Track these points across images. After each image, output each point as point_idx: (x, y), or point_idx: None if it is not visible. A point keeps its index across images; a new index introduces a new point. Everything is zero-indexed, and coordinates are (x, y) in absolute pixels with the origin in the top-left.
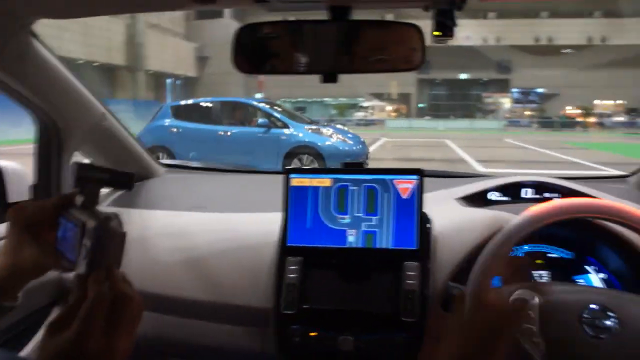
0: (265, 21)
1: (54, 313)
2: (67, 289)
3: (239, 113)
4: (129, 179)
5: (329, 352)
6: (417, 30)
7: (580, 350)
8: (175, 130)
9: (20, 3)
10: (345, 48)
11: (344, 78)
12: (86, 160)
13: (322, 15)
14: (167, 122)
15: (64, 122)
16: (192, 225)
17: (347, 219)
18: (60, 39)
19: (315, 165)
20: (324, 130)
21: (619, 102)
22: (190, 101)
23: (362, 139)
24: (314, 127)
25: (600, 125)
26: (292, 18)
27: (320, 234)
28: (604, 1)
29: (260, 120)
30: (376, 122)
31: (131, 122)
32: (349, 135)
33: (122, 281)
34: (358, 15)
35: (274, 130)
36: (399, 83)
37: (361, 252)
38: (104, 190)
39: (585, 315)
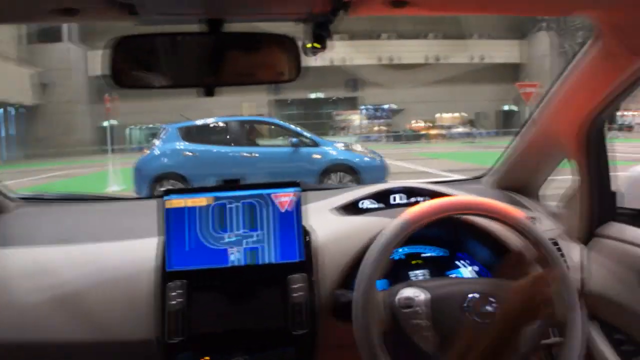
0: (140, 34)
1: None
2: None
3: (257, 132)
4: None
5: None
6: (293, 41)
7: (469, 337)
8: (188, 154)
9: None
10: (220, 61)
11: (196, 101)
12: None
13: (197, 28)
14: (178, 145)
15: None
16: (56, 260)
17: (228, 238)
18: None
19: (352, 181)
20: (354, 147)
21: (458, 114)
22: (202, 121)
23: (380, 154)
24: (343, 144)
25: (443, 136)
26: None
27: (202, 255)
28: (438, 25)
29: (293, 140)
30: None
31: None
32: (371, 150)
33: None
34: (234, 27)
35: (304, 149)
36: (251, 105)
37: (245, 270)
38: None
39: (467, 304)
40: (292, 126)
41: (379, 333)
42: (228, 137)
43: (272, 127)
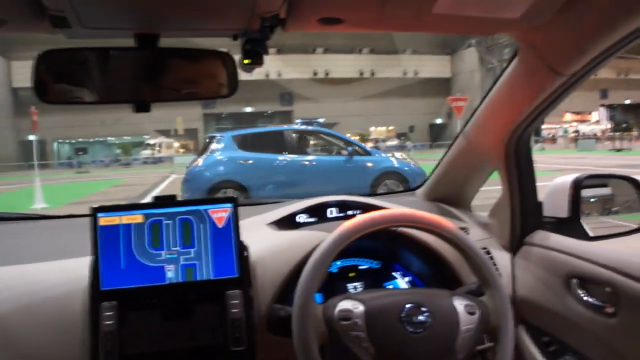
0: (69, 47)
1: None
2: None
3: (308, 141)
4: None
5: None
6: (228, 58)
7: (404, 348)
8: (245, 162)
9: None
10: (155, 77)
11: (127, 115)
12: None
13: (131, 42)
14: (233, 154)
15: None
16: None
17: (164, 255)
18: None
19: (401, 188)
20: (399, 155)
21: (390, 127)
22: (256, 130)
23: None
24: (390, 153)
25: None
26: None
27: (137, 274)
28: (370, 40)
29: (349, 149)
30: (164, 160)
31: None
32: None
33: None
34: (169, 43)
35: (357, 158)
36: (185, 118)
37: (182, 287)
38: None
39: (403, 315)
40: (345, 136)
41: (318, 346)
42: (282, 145)
43: (325, 136)
